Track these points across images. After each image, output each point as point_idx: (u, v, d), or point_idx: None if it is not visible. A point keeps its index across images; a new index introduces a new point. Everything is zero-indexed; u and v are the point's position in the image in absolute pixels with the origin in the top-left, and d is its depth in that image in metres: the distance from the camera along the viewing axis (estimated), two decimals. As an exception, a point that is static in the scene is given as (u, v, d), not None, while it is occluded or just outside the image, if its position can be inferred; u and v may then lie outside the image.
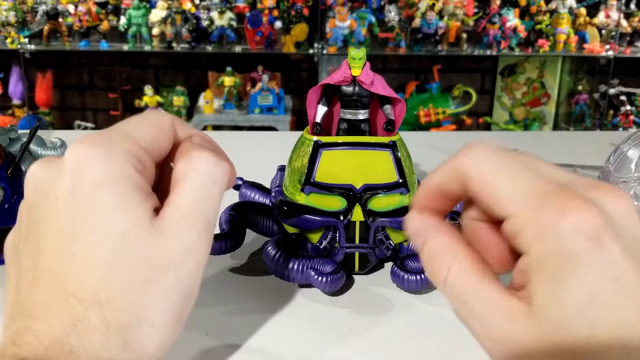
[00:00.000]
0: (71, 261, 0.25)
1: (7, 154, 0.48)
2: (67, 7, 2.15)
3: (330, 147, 0.42)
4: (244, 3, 2.12)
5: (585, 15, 2.20)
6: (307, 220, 0.41)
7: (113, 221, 0.25)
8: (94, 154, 0.26)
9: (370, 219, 0.40)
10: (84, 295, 0.25)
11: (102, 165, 0.26)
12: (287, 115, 2.24)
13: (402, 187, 0.41)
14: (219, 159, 0.28)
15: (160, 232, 0.26)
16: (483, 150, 0.24)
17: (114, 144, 0.26)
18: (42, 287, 0.25)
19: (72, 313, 0.24)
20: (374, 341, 0.34)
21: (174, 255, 0.26)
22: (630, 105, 2.34)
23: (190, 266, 0.27)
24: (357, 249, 0.40)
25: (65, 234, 0.25)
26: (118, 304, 0.25)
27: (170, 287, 0.26)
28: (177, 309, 0.26)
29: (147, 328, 0.25)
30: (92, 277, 0.25)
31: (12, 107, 2.31)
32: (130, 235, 0.25)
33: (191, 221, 0.27)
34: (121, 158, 0.26)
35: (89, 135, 0.27)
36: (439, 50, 2.17)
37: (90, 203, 0.25)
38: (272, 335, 0.34)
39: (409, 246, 0.42)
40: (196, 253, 0.27)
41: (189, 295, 0.27)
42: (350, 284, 0.40)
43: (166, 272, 0.26)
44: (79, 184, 0.25)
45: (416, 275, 0.37)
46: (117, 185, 0.26)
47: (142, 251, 0.25)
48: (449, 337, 0.34)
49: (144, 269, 0.25)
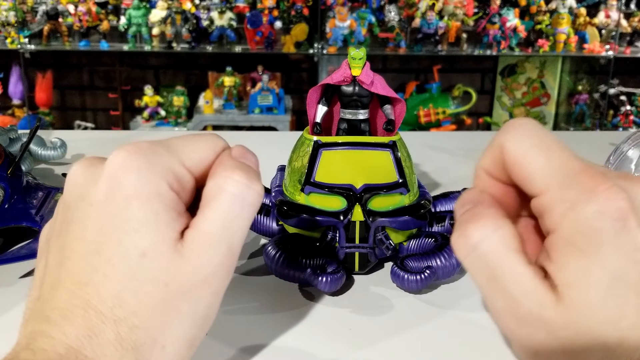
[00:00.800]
0: (93, 272, 0.25)
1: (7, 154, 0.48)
2: (67, 7, 2.15)
3: (330, 147, 0.42)
4: (244, 3, 2.12)
5: (585, 15, 2.20)
6: (307, 220, 0.41)
7: (135, 239, 0.25)
8: (132, 166, 0.25)
9: (370, 218, 0.40)
10: (102, 308, 0.24)
11: (138, 179, 0.25)
12: (287, 115, 2.24)
13: (402, 187, 0.41)
14: (251, 181, 0.26)
15: (180, 258, 0.25)
16: (522, 128, 0.25)
17: (156, 157, 0.26)
18: (63, 290, 0.25)
19: (88, 324, 0.24)
20: (374, 341, 0.34)
21: (189, 284, 0.25)
22: (630, 105, 2.34)
23: (206, 296, 0.26)
24: (357, 248, 0.40)
25: (91, 243, 0.25)
26: (133, 322, 0.25)
27: (184, 314, 0.25)
28: (190, 336, 0.26)
29: (159, 350, 0.25)
30: (110, 291, 0.25)
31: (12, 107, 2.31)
32: (149, 256, 0.25)
33: (212, 250, 0.26)
34: (158, 174, 0.25)
35: (135, 143, 0.26)
36: (439, 50, 2.17)
37: (119, 216, 0.25)
38: (272, 335, 0.34)
39: (409, 246, 0.42)
40: (213, 283, 0.26)
41: (203, 323, 0.27)
42: (350, 284, 0.40)
43: (180, 299, 0.25)
44: (113, 194, 0.25)
45: (416, 275, 0.37)
46: (148, 202, 0.25)
47: (158, 274, 0.25)
48: (449, 337, 0.34)
49: (159, 293, 0.25)
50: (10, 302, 0.37)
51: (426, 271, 0.38)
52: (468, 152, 0.70)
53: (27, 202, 0.46)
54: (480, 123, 2.46)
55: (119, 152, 0.26)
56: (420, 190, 0.45)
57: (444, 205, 0.48)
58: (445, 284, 0.40)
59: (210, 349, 0.33)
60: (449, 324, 0.36)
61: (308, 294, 0.39)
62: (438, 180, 0.61)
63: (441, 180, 0.61)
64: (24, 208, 0.45)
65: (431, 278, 0.38)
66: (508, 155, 0.25)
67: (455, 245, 0.25)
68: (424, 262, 0.38)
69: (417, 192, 0.44)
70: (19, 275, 0.40)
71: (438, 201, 0.48)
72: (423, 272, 0.38)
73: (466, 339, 0.34)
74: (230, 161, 0.27)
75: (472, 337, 0.34)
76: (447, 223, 0.44)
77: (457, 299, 0.38)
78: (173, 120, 2.31)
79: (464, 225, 0.25)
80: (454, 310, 0.37)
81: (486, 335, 0.34)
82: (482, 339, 0.34)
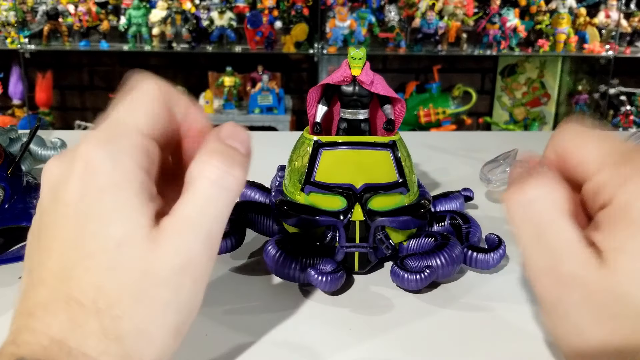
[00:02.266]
0: (74, 267, 0.25)
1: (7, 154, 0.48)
2: (67, 7, 2.15)
3: (330, 146, 0.42)
4: (244, 3, 2.12)
5: (585, 15, 2.20)
6: (307, 220, 0.41)
7: (110, 230, 0.25)
8: (100, 156, 0.25)
9: (370, 218, 0.40)
10: (84, 300, 0.24)
11: (107, 168, 0.25)
12: (287, 115, 2.24)
13: (402, 187, 0.41)
14: (230, 166, 0.26)
15: (156, 245, 0.25)
16: (574, 127, 0.27)
17: (119, 140, 0.25)
18: (45, 287, 0.25)
19: (71, 316, 0.24)
20: (374, 341, 0.34)
21: (167, 272, 0.25)
22: (630, 105, 2.34)
23: (187, 284, 0.25)
24: (357, 248, 0.40)
25: (69, 241, 0.25)
26: (116, 313, 0.24)
27: (166, 302, 0.25)
28: (175, 324, 0.26)
29: (144, 339, 0.25)
30: (91, 284, 0.24)
31: (12, 107, 2.31)
32: (125, 245, 0.25)
33: (190, 236, 0.25)
34: (128, 157, 0.25)
35: (95, 133, 0.26)
36: (439, 50, 2.17)
37: (93, 210, 0.25)
38: (272, 335, 0.34)
39: (409, 246, 0.42)
40: (193, 270, 0.25)
41: (188, 311, 0.26)
42: (350, 283, 0.40)
43: (161, 287, 0.25)
44: (86, 191, 0.25)
45: (416, 275, 0.37)
46: (120, 190, 0.25)
47: (136, 264, 0.25)
48: (449, 337, 0.34)
49: (138, 283, 0.25)
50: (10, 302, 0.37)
51: (426, 270, 0.38)
52: (468, 152, 0.70)
53: (27, 202, 0.46)
54: (480, 123, 2.46)
55: (85, 145, 0.25)
56: (420, 190, 0.45)
57: (444, 205, 0.48)
58: (445, 283, 0.40)
59: (210, 349, 0.33)
60: (449, 323, 0.36)
61: (308, 294, 0.39)
62: (438, 180, 0.61)
63: (441, 180, 0.61)
64: (24, 208, 0.45)
65: (431, 277, 0.38)
66: (564, 149, 0.26)
67: (510, 199, 0.26)
68: (423, 262, 0.39)
69: (417, 191, 0.44)
70: (18, 276, 0.40)
71: (438, 201, 0.48)
72: (423, 271, 0.38)
73: (466, 339, 0.34)
74: (213, 143, 0.27)
75: (472, 336, 0.34)
76: (447, 223, 0.44)
77: (457, 299, 0.38)
78: (173, 120, 2.31)
79: (522, 181, 0.26)
80: (454, 310, 0.37)
81: (486, 335, 0.34)
82: (482, 339, 0.34)
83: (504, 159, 0.56)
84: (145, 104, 0.27)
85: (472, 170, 0.62)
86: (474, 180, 0.58)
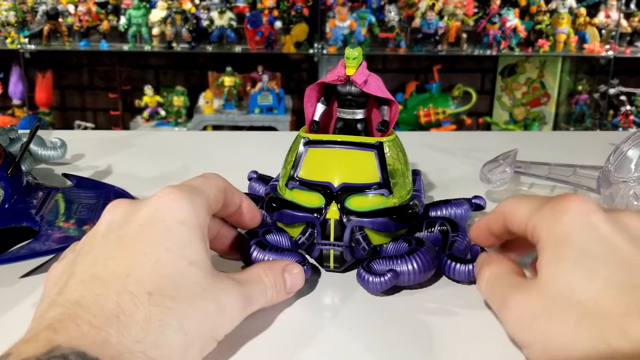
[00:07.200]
0: (137, 267, 0.29)
1: (7, 154, 0.48)
2: (67, 7, 2.15)
3: (316, 144, 0.42)
4: (244, 3, 2.12)
5: (585, 15, 2.20)
6: (287, 215, 0.41)
7: (185, 253, 0.30)
8: (183, 199, 0.32)
9: (347, 218, 0.40)
10: (138, 292, 0.27)
11: (188, 210, 0.31)
12: (287, 115, 2.24)
13: (384, 189, 0.41)
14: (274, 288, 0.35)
15: (219, 278, 0.31)
16: (515, 197, 0.36)
17: (197, 197, 0.33)
18: (98, 282, 0.28)
19: (120, 305, 0.27)
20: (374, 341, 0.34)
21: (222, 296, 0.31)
22: (630, 105, 2.34)
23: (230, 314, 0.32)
24: (332, 246, 0.40)
25: (139, 248, 0.29)
26: (167, 305, 0.28)
27: (210, 315, 0.30)
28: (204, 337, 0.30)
29: (181, 336, 0.28)
30: (152, 281, 0.28)
31: (12, 107, 2.31)
32: (196, 266, 0.30)
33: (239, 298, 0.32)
34: (201, 209, 0.32)
35: (173, 187, 0.32)
36: (439, 50, 2.17)
37: (169, 233, 0.30)
38: (271, 335, 0.34)
39: (387, 248, 0.41)
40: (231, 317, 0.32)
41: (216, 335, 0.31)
42: (347, 283, 0.40)
43: (213, 301, 0.30)
44: (163, 218, 0.31)
45: (380, 277, 0.37)
46: (196, 230, 0.31)
47: (200, 281, 0.30)
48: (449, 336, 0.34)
49: (197, 291, 0.30)
50: (10, 302, 0.37)
51: (387, 274, 0.37)
52: (468, 152, 0.70)
53: (27, 202, 0.46)
54: (480, 123, 2.46)
55: (169, 189, 0.32)
56: (413, 193, 0.44)
57: (442, 211, 0.46)
58: (444, 284, 0.40)
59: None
60: (448, 323, 0.36)
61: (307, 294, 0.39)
62: (438, 180, 0.61)
63: (441, 180, 0.61)
64: (24, 208, 0.46)
65: (392, 281, 0.37)
66: (505, 213, 0.36)
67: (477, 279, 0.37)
68: (389, 266, 0.38)
69: (408, 194, 0.43)
70: (19, 275, 0.40)
71: (438, 206, 0.46)
72: (384, 274, 0.37)
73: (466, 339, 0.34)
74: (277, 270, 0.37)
75: (472, 336, 0.34)
76: (437, 229, 0.43)
77: (457, 299, 0.38)
78: (173, 120, 2.31)
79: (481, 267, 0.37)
80: (454, 310, 0.37)
81: (485, 334, 0.34)
82: (482, 339, 0.34)
83: (504, 159, 0.56)
84: (213, 186, 0.35)
85: (472, 170, 0.62)
86: (474, 180, 0.58)
